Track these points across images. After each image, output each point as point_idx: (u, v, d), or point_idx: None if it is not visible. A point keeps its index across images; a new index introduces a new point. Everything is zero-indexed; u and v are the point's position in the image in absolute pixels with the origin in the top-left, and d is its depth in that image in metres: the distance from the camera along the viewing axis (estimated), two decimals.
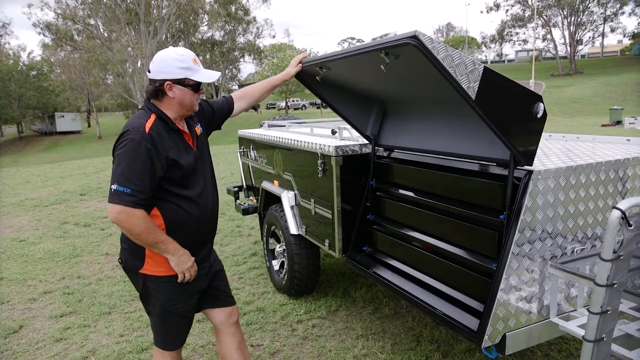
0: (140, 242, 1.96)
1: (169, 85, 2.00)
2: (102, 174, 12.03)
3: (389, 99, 2.86)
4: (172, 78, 2.00)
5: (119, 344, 3.43)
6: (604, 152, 2.51)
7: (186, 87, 2.03)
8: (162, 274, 2.06)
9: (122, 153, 1.90)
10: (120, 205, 1.85)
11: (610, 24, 57.61)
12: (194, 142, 2.16)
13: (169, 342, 2.23)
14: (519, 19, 58.76)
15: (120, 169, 1.88)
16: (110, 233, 6.42)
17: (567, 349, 3.15)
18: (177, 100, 2.03)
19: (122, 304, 4.11)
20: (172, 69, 2.00)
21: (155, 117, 2.01)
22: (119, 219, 1.87)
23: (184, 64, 2.01)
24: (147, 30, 32.14)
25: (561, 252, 2.12)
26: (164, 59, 2.02)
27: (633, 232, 1.35)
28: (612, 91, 39.04)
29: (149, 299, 2.14)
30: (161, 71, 2.00)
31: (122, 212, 1.86)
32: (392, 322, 3.63)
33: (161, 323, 2.18)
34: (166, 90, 2.01)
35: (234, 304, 2.44)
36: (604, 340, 1.46)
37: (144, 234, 1.91)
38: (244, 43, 53.24)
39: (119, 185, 1.86)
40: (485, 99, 1.79)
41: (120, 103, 47.82)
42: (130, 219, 1.87)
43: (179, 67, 2.00)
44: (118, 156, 1.91)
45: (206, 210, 2.15)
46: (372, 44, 1.94)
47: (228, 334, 2.38)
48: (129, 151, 1.89)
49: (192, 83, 2.04)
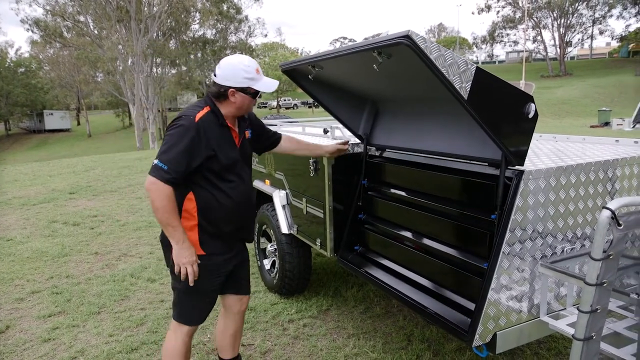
0: (157, 217, 2.12)
1: (232, 92, 2.20)
2: (92, 173, 11.92)
3: (381, 98, 2.86)
4: (236, 86, 2.19)
5: (109, 344, 3.39)
6: (594, 153, 2.54)
7: (247, 94, 2.23)
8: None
9: (170, 135, 2.11)
10: (156, 177, 2.06)
11: (599, 27, 58.30)
12: (240, 141, 2.35)
13: (185, 316, 2.37)
14: (509, 21, 59.20)
15: (165, 147, 2.09)
16: (99, 232, 6.36)
17: (556, 347, 3.17)
18: (237, 105, 2.24)
19: (112, 303, 4.07)
20: (238, 78, 2.19)
21: (208, 110, 2.21)
22: (149, 187, 2.07)
23: (249, 74, 2.20)
24: (138, 28, 31.84)
25: (551, 251, 2.14)
26: (232, 67, 2.20)
27: (622, 232, 1.37)
28: (600, 93, 39.50)
29: (175, 275, 2.27)
30: (227, 78, 2.19)
31: (153, 182, 2.06)
32: (383, 321, 3.64)
33: (184, 298, 2.34)
34: (229, 96, 2.21)
35: (248, 294, 2.65)
36: (593, 338, 1.47)
37: (160, 210, 2.08)
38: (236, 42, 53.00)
39: (159, 161, 2.07)
40: (478, 99, 1.80)
41: (110, 101, 47.46)
42: (157, 191, 2.06)
43: (244, 77, 2.19)
44: (166, 137, 2.12)
45: (238, 203, 2.31)
46: (365, 43, 1.94)
47: (231, 319, 2.62)
48: (175, 134, 2.10)
49: (253, 91, 2.24)
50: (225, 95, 2.21)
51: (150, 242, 5.86)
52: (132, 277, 4.63)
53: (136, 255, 5.35)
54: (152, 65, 35.98)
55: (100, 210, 7.65)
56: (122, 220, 6.99)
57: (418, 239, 2.61)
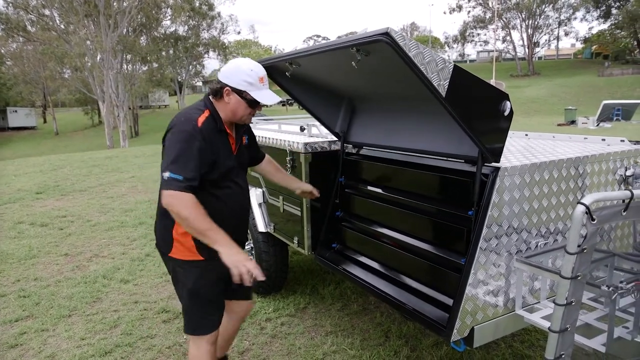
0: (190, 229, 2.00)
1: (227, 91, 2.12)
2: (60, 172, 11.55)
3: (358, 95, 2.87)
4: (232, 86, 2.11)
5: (81, 347, 3.30)
6: (565, 150, 2.61)
7: (242, 99, 2.13)
8: (189, 258, 2.15)
9: (174, 142, 2.00)
10: (172, 189, 1.93)
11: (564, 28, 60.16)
12: (236, 147, 2.27)
13: (199, 325, 2.26)
14: (480, 21, 60.35)
15: (172, 157, 1.96)
16: (69, 233, 6.17)
17: (529, 340, 3.26)
18: (230, 107, 2.14)
19: (84, 306, 3.96)
20: (237, 79, 2.11)
21: (208, 114, 2.12)
22: (169, 202, 1.94)
23: (250, 79, 2.12)
24: (107, 23, 31.01)
25: (525, 246, 2.19)
26: (236, 67, 2.15)
27: (596, 226, 1.40)
28: (566, 92, 40.72)
29: (178, 283, 2.23)
30: (227, 76, 2.13)
31: (172, 195, 1.93)
32: (360, 318, 3.65)
33: (191, 307, 2.24)
34: (224, 95, 2.12)
35: (251, 299, 2.62)
36: (568, 330, 1.51)
37: (189, 219, 1.95)
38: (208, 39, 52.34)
39: (171, 172, 1.94)
40: (455, 96, 1.82)
41: (78, 98, 46.10)
42: (179, 201, 1.94)
43: (244, 79, 2.11)
44: (170, 145, 2.00)
45: (233, 210, 2.24)
46: (343, 40, 1.93)
47: (231, 324, 2.57)
48: (181, 141, 1.99)
49: (249, 98, 2.14)
50: (221, 94, 2.13)
51: (122, 242, 5.72)
52: (105, 279, 4.51)
53: (108, 256, 5.22)
54: (122, 61, 35.15)
55: (70, 211, 7.42)
56: (93, 220, 6.80)
57: (396, 236, 2.62)
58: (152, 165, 12.55)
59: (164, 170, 1.96)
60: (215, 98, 2.16)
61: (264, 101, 2.15)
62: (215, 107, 2.15)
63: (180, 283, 2.22)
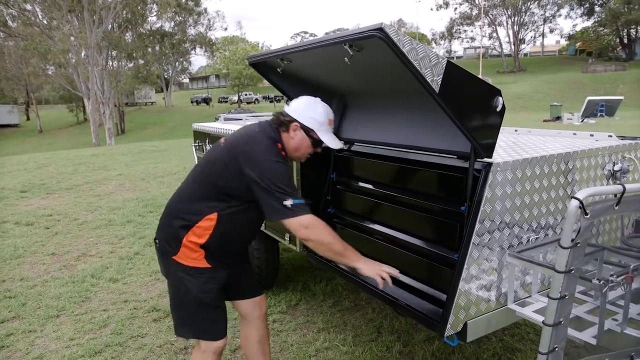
0: (329, 252, 1.99)
1: (295, 126, 2.14)
2: (45, 170, 11.37)
3: (349, 92, 2.86)
4: (301, 122, 2.13)
5: (70, 348, 3.25)
6: (555, 145, 2.63)
7: (308, 137, 2.16)
8: (196, 265, 2.10)
9: (274, 172, 1.97)
10: (302, 215, 1.92)
11: (549, 25, 60.96)
12: None
13: (207, 330, 2.21)
14: (466, 17, 60.81)
15: (283, 184, 1.94)
16: (55, 232, 6.08)
17: (520, 334, 3.29)
18: (294, 142, 2.16)
19: (72, 305, 3.90)
20: (308, 117, 2.14)
21: (280, 147, 2.11)
22: (310, 233, 1.94)
23: (320, 118, 2.16)
24: (92, 19, 30.54)
25: (517, 241, 2.20)
26: (307, 104, 2.18)
27: (589, 221, 1.42)
28: (551, 88, 41.26)
29: (179, 288, 2.14)
30: (297, 111, 2.15)
31: (309, 221, 1.94)
32: (352, 315, 3.66)
33: (197, 313, 2.17)
34: (290, 129, 2.14)
35: (262, 294, 2.49)
36: (561, 324, 1.53)
37: (334, 242, 1.97)
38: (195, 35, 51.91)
39: (293, 199, 1.93)
40: (449, 92, 1.82)
41: (62, 95, 45.41)
42: (319, 227, 1.96)
43: (314, 118, 2.15)
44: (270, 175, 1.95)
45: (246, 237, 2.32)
46: (336, 35, 1.92)
47: (252, 326, 2.46)
48: (280, 168, 1.99)
49: (316, 138, 2.17)
50: (288, 127, 2.14)
51: (110, 240, 5.66)
52: (93, 278, 4.46)
53: (96, 255, 5.15)
54: (108, 58, 34.67)
55: (56, 209, 7.31)
56: (80, 219, 6.71)
57: (388, 232, 2.63)
58: (139, 162, 12.42)
59: (282, 199, 1.92)
60: (280, 129, 2.15)
61: (330, 144, 2.19)
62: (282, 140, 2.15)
63: (183, 288, 2.13)
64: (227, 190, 2.06)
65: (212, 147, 2.25)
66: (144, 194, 8.31)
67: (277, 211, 1.93)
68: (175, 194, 2.24)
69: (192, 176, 2.21)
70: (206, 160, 2.18)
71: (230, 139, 2.16)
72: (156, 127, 45.03)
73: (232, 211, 2.08)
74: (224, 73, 55.57)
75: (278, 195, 1.92)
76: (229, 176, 2.04)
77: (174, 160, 12.71)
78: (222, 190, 2.07)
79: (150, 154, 14.30)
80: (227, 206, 2.07)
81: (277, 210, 1.93)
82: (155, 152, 14.56)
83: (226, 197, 2.06)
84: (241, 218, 2.13)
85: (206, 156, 2.22)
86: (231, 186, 2.05)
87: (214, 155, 2.15)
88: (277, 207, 1.92)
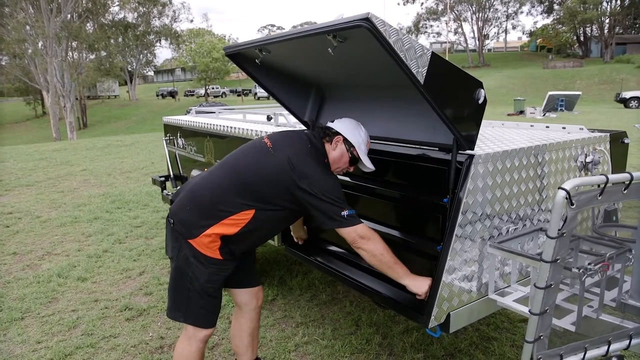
0: (379, 263, 2.09)
1: (339, 139, 2.24)
2: (2, 165, 10.84)
3: (328, 83, 2.82)
4: (347, 137, 2.23)
5: (37, 351, 3.11)
6: (530, 138, 2.68)
7: (349, 153, 2.25)
8: (209, 255, 2.10)
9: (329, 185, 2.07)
10: (357, 225, 2.05)
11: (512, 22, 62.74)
12: None
13: (200, 317, 2.22)
14: (432, 12, 61.71)
15: (337, 197, 2.06)
16: (16, 230, 5.80)
17: (495, 322, 3.36)
18: (334, 155, 2.24)
19: (38, 307, 3.73)
20: (353, 135, 2.24)
21: (327, 162, 2.21)
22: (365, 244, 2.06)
23: (362, 139, 2.27)
24: (49, 7, 29.23)
25: (497, 232, 2.23)
26: (354, 124, 2.30)
27: (575, 211, 1.44)
28: (514, 83, 42.43)
29: (186, 271, 2.13)
30: (344, 128, 2.26)
31: (363, 231, 2.06)
32: (330, 308, 3.65)
33: (197, 300, 2.17)
34: (334, 141, 2.24)
35: (259, 285, 2.54)
36: (547, 312, 1.55)
37: (386, 253, 2.08)
38: (160, 27, 50.61)
39: (348, 210, 2.05)
40: (433, 84, 1.81)
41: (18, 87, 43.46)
42: (372, 237, 2.08)
43: (358, 138, 2.25)
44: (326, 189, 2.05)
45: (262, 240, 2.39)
46: (320, 26, 1.88)
47: (246, 317, 2.51)
48: (334, 181, 2.10)
49: (355, 155, 2.25)
50: (331, 139, 2.24)
51: (77, 238, 5.45)
52: (60, 277, 4.28)
53: (62, 254, 4.95)
54: (68, 49, 33.33)
55: (16, 207, 6.98)
56: (43, 216, 6.43)
57: (371, 226, 2.61)
58: (105, 157, 12.02)
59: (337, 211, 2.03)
60: (323, 139, 2.25)
61: (367, 164, 2.26)
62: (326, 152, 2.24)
63: (190, 274, 2.13)
64: (270, 197, 2.11)
65: (253, 146, 2.25)
66: (111, 190, 8.05)
67: (335, 221, 2.04)
68: (203, 182, 2.20)
69: (228, 169, 2.20)
70: (247, 160, 2.18)
71: (279, 150, 2.16)
72: (120, 121, 43.73)
73: (271, 214, 2.14)
74: (190, 66, 54.40)
75: (334, 207, 2.03)
76: (278, 187, 2.10)
77: (140, 154, 12.37)
78: (265, 195, 2.11)
79: (115, 148, 13.86)
80: (267, 208, 2.12)
81: (334, 221, 2.04)
82: (120, 147, 14.13)
83: (267, 201, 2.11)
84: (275, 220, 2.20)
85: (246, 154, 2.22)
86: (277, 195, 2.11)
87: (260, 160, 2.15)
88: (335, 218, 2.04)
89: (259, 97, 50.81)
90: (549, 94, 25.27)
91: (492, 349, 3.03)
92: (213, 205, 2.09)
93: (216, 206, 2.09)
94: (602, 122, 18.08)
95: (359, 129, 2.29)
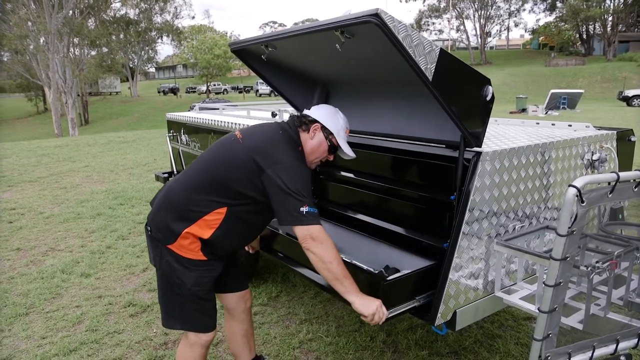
0: (327, 273, 1.88)
1: (317, 127, 2.13)
2: (5, 162, 10.84)
3: (334, 80, 2.81)
4: (325, 124, 2.13)
5: (42, 347, 3.11)
6: (536, 135, 2.67)
7: (327, 140, 2.14)
8: (192, 257, 2.02)
9: (297, 176, 1.93)
10: (314, 224, 1.87)
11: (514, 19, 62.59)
12: None
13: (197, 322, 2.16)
14: (435, 10, 61.54)
15: (303, 190, 1.90)
16: (20, 226, 5.81)
17: (499, 320, 3.36)
18: (311, 144, 2.13)
19: (42, 302, 3.74)
20: (331, 121, 2.14)
21: (301, 150, 2.10)
22: (317, 247, 1.86)
23: (340, 126, 2.17)
24: (51, 3, 29.20)
25: (504, 229, 2.23)
26: (331, 111, 2.20)
27: (585, 208, 1.43)
28: (516, 81, 42.30)
29: (172, 278, 2.05)
30: (321, 115, 2.15)
31: (318, 233, 1.87)
32: (334, 305, 3.65)
33: (189, 305, 2.10)
34: (311, 130, 2.13)
35: (247, 288, 2.47)
36: (556, 310, 1.55)
37: (335, 261, 1.87)
38: (161, 23, 50.55)
39: (309, 207, 1.88)
40: (441, 80, 1.80)
41: (20, 83, 43.46)
42: (326, 240, 1.88)
43: (336, 125, 2.15)
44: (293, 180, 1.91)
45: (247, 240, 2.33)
46: (329, 21, 1.87)
47: (237, 319, 2.45)
48: (304, 173, 1.97)
49: (334, 142, 2.15)
50: (308, 127, 2.12)
51: (80, 234, 5.45)
52: (64, 273, 4.28)
53: (66, 250, 4.95)
54: (70, 45, 33.31)
55: (19, 202, 6.99)
56: (46, 212, 6.44)
57: (377, 224, 2.61)
58: (107, 154, 12.03)
59: (298, 205, 1.86)
60: (299, 129, 2.14)
61: (346, 151, 2.17)
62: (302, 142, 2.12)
63: (176, 280, 2.04)
64: (240, 189, 1.99)
65: (224, 140, 2.15)
66: (114, 186, 8.05)
67: (292, 217, 1.88)
68: (175, 184, 2.12)
69: (198, 167, 2.11)
70: (216, 154, 2.10)
71: (249, 138, 2.07)
72: (122, 117, 43.71)
73: (244, 209, 2.02)
74: (192, 63, 54.32)
75: (295, 201, 1.87)
76: (246, 177, 1.97)
77: (143, 151, 12.37)
78: (234, 189, 1.99)
79: (117, 144, 13.86)
80: (239, 203, 2.01)
81: (291, 216, 1.88)
82: (122, 143, 14.13)
83: (238, 195, 2.00)
84: (250, 217, 2.08)
85: (217, 149, 2.13)
86: (246, 186, 1.98)
87: (228, 152, 2.05)
88: (292, 213, 1.87)
89: (260, 94, 50.80)
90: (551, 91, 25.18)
91: (496, 347, 3.02)
92: (185, 206, 2.00)
93: (188, 207, 2.00)
94: (605, 120, 18.02)
95: (337, 115, 2.19)
